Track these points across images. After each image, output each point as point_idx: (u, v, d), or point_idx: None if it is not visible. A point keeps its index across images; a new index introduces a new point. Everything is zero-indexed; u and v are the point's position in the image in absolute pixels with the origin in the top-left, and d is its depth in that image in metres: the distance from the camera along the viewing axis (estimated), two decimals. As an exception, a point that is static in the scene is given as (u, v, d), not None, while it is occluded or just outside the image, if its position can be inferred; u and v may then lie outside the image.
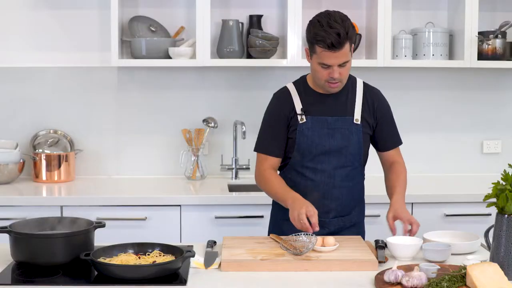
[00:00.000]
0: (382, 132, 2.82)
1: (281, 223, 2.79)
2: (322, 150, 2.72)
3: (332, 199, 2.75)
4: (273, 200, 2.86)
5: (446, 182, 3.95)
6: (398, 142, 2.90)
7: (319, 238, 2.45)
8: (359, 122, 2.74)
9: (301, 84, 2.80)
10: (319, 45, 2.58)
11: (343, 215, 2.78)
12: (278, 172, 2.83)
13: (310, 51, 2.66)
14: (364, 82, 2.83)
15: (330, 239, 2.45)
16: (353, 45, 2.68)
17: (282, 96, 2.79)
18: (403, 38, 3.86)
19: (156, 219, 3.47)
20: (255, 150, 2.82)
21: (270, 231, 2.86)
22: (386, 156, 2.88)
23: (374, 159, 2.92)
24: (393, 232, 2.58)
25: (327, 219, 2.75)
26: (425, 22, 3.99)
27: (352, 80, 2.80)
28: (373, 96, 2.80)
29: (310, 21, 2.65)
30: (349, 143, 2.73)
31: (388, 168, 2.86)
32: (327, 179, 2.74)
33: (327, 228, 2.73)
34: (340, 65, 2.62)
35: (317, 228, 2.50)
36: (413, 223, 2.58)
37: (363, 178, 2.88)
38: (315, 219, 2.51)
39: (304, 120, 2.72)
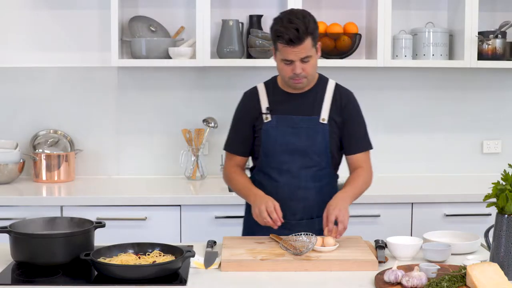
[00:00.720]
0: (348, 134, 2.75)
1: (253, 227, 2.75)
2: (286, 149, 2.70)
3: (298, 200, 2.71)
4: (246, 202, 2.85)
5: (446, 182, 3.95)
6: (366, 146, 2.79)
7: (319, 238, 2.45)
8: (325, 122, 2.70)
9: (271, 83, 2.79)
10: (280, 41, 2.58)
11: (312, 217, 2.74)
12: (249, 174, 2.83)
13: (274, 49, 2.66)
14: (336, 83, 2.79)
15: (330, 239, 2.44)
16: (319, 43, 2.65)
17: (250, 95, 2.80)
18: (403, 38, 3.86)
19: (156, 219, 3.47)
20: (224, 148, 2.86)
21: (244, 234, 2.86)
22: (352, 160, 2.78)
23: (375, 159, 2.91)
24: (324, 230, 2.51)
25: (294, 220, 2.71)
26: (425, 22, 3.99)
27: (323, 80, 2.78)
28: (343, 96, 2.75)
29: (273, 19, 2.66)
30: (314, 142, 2.69)
31: (352, 172, 2.78)
32: (292, 180, 2.71)
33: (295, 229, 2.64)
34: (303, 61, 2.60)
35: (279, 223, 2.52)
36: (340, 222, 2.50)
37: (334, 180, 2.81)
38: (275, 215, 2.52)
39: (269, 119, 2.71)
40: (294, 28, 2.55)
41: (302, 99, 2.73)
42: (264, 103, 2.74)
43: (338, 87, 2.78)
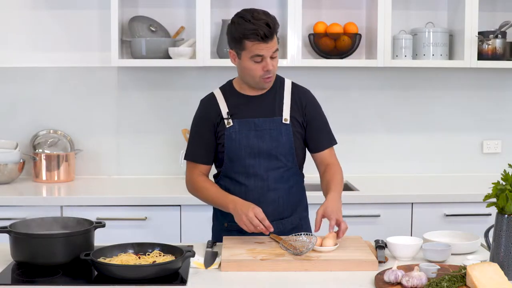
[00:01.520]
0: (312, 132, 2.73)
1: (223, 234, 2.73)
2: (251, 152, 2.66)
3: (268, 202, 2.67)
4: (213, 208, 2.84)
5: (446, 182, 3.95)
6: (332, 142, 2.77)
7: (318, 238, 2.45)
8: (288, 122, 2.68)
9: (227, 88, 2.76)
10: (251, 38, 2.53)
11: (282, 218, 2.71)
12: (213, 180, 2.79)
13: (238, 50, 2.60)
14: (292, 82, 2.77)
15: (330, 239, 2.44)
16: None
17: (207, 102, 2.74)
18: (403, 38, 3.86)
19: (156, 219, 3.47)
20: (184, 158, 2.79)
21: (213, 239, 2.82)
22: (319, 157, 2.76)
23: (375, 159, 2.92)
24: (316, 227, 2.48)
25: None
26: (425, 22, 3.99)
27: (280, 80, 2.75)
28: (301, 95, 2.73)
29: (231, 20, 2.60)
30: (278, 143, 2.67)
31: (323, 170, 2.74)
32: (261, 183, 2.68)
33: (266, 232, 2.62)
34: (272, 57, 2.58)
35: (271, 229, 2.50)
36: (341, 222, 2.50)
37: (301, 179, 2.80)
38: (267, 222, 2.50)
39: (231, 123, 2.67)
40: (264, 23, 2.52)
41: (262, 100, 2.70)
42: (224, 108, 2.69)
43: (295, 86, 2.76)
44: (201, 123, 2.74)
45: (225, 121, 2.68)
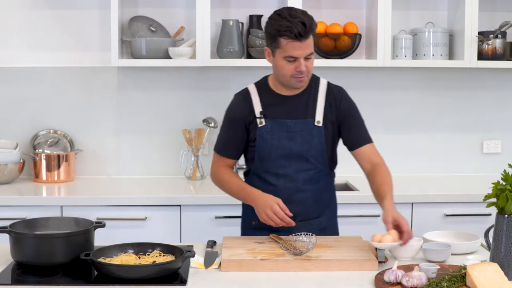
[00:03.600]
0: (348, 129, 2.71)
1: (250, 232, 2.76)
2: (282, 154, 2.67)
3: (296, 203, 2.67)
4: (242, 206, 2.85)
5: (446, 182, 3.95)
6: (370, 139, 2.74)
7: (377, 235, 2.36)
8: (320, 124, 2.66)
9: (262, 85, 2.75)
10: (284, 36, 2.52)
11: (310, 219, 2.72)
12: (244, 178, 2.80)
13: (273, 48, 2.60)
14: (328, 82, 2.76)
15: (390, 236, 2.34)
16: (315, 44, 2.64)
17: (242, 98, 2.74)
18: (403, 38, 3.86)
19: (156, 219, 3.47)
20: (214, 149, 2.82)
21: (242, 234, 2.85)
22: (360, 154, 2.71)
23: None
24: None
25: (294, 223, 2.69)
26: (425, 22, 3.99)
27: (315, 80, 2.73)
28: (336, 94, 2.72)
29: (268, 17, 2.61)
30: (310, 146, 2.66)
31: (371, 171, 2.68)
32: (290, 183, 2.68)
33: (293, 231, 2.61)
34: (306, 58, 2.57)
35: (293, 224, 2.52)
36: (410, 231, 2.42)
37: (332, 180, 2.80)
38: (288, 220, 2.52)
39: (263, 123, 2.67)
40: (300, 22, 2.51)
41: (295, 101, 2.69)
42: (258, 107, 2.69)
43: (330, 86, 2.74)
44: (233, 118, 2.74)
45: (258, 120, 2.68)
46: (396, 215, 2.43)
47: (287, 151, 2.66)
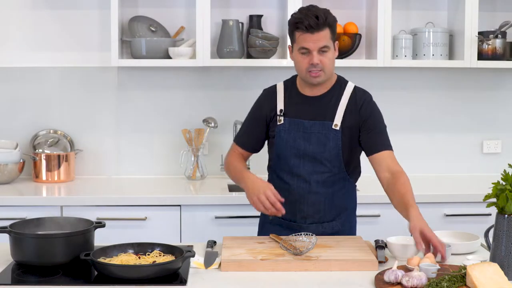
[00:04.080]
0: (367, 134, 2.66)
1: (267, 226, 2.78)
2: (297, 153, 2.68)
3: (308, 204, 2.69)
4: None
5: (446, 182, 3.95)
6: (389, 146, 2.67)
7: (415, 258, 2.23)
8: (338, 128, 2.65)
9: (290, 83, 2.77)
10: (298, 29, 2.57)
11: (322, 222, 2.72)
12: (267, 173, 2.83)
13: (292, 44, 2.65)
14: (355, 86, 2.74)
15: (428, 259, 2.22)
16: (336, 42, 2.64)
17: (268, 94, 2.79)
18: (403, 38, 3.86)
19: (156, 219, 3.47)
20: (233, 139, 2.88)
21: (259, 231, 2.88)
22: (377, 160, 2.63)
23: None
24: (420, 245, 2.28)
25: (304, 224, 2.70)
26: (425, 22, 3.99)
27: (340, 84, 2.73)
28: (358, 99, 2.69)
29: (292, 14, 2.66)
30: (324, 148, 2.65)
31: (390, 179, 2.59)
32: (303, 184, 2.69)
33: (304, 232, 2.61)
34: (321, 51, 2.57)
35: (283, 211, 2.52)
36: (439, 242, 2.32)
37: (350, 185, 2.75)
38: (278, 205, 2.52)
39: (282, 121, 2.70)
40: (313, 15, 2.54)
41: (318, 102, 2.69)
42: (280, 105, 2.72)
43: (356, 90, 2.72)
44: (255, 113, 2.80)
45: (278, 117, 2.71)
46: (423, 226, 2.32)
47: (301, 151, 2.67)
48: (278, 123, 2.70)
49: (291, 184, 2.70)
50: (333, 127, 2.66)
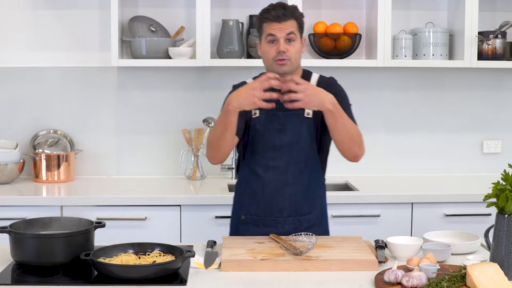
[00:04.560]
0: None
1: (237, 223, 2.79)
2: (273, 146, 2.70)
3: (285, 197, 2.71)
4: (233, 202, 2.86)
5: (446, 182, 3.95)
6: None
7: (415, 258, 2.23)
8: (310, 116, 2.69)
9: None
10: (265, 20, 2.63)
11: (300, 215, 2.73)
12: (236, 173, 2.82)
13: (260, 37, 2.68)
14: (320, 76, 2.77)
15: (427, 260, 2.23)
16: (303, 38, 2.68)
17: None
18: (403, 38, 3.86)
19: (156, 219, 3.47)
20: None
21: (231, 232, 2.86)
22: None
23: (375, 159, 2.91)
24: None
25: (281, 218, 2.71)
26: (425, 22, 3.99)
27: (307, 75, 2.75)
28: (324, 82, 2.72)
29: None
30: (300, 138, 2.69)
31: None
32: (279, 176, 2.70)
33: (281, 227, 2.70)
34: (287, 40, 2.60)
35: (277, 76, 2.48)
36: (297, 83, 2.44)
37: (322, 178, 2.80)
38: (271, 75, 2.46)
39: (257, 114, 2.72)
40: (280, 6, 2.62)
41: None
42: None
43: (320, 80, 2.76)
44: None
45: (252, 111, 2.72)
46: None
47: (277, 143, 2.69)
48: (253, 116, 2.72)
49: (266, 178, 2.71)
50: (305, 115, 2.70)
